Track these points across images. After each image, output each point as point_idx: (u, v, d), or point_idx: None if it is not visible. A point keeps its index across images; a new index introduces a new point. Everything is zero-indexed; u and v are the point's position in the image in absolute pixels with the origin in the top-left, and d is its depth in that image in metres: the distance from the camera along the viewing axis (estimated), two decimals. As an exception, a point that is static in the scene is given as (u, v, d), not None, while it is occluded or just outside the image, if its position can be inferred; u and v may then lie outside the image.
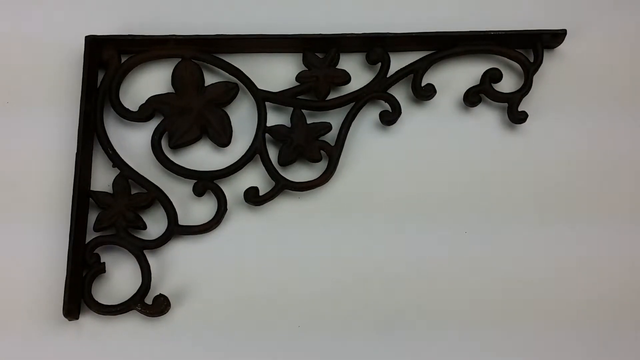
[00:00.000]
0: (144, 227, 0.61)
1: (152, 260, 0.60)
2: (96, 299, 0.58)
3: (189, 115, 0.63)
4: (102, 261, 0.60)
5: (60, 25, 0.67)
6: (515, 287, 0.61)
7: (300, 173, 0.63)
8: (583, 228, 0.62)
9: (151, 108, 0.63)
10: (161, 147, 0.62)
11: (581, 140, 0.65)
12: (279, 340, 0.59)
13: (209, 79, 0.65)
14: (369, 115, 0.65)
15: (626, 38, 0.68)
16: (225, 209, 0.61)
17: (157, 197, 0.61)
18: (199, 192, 0.61)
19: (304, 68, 0.65)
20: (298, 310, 0.60)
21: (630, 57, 0.67)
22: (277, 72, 0.66)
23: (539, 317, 0.60)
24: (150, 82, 0.65)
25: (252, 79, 0.64)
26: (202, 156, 0.64)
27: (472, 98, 0.64)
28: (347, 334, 0.60)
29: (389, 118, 0.63)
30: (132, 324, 0.59)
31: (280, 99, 0.64)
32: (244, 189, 0.61)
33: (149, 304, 0.58)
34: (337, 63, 0.65)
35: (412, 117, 0.65)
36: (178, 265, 0.61)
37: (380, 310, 0.60)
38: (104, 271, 0.60)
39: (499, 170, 0.64)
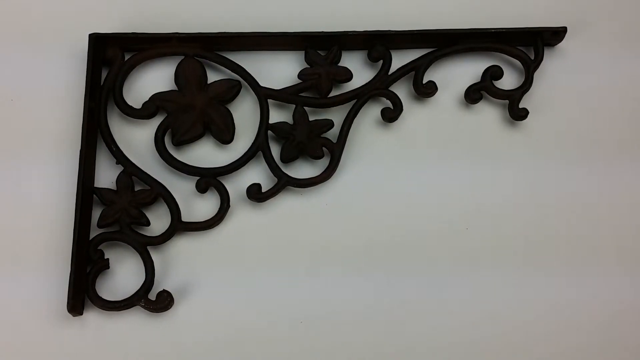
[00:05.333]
0: (148, 223, 0.61)
1: (155, 256, 0.60)
2: (100, 295, 0.59)
3: (192, 112, 0.63)
4: (106, 257, 0.60)
5: (64, 23, 0.67)
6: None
7: (302, 170, 0.63)
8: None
9: (154, 105, 0.64)
10: (164, 144, 0.63)
11: (581, 137, 0.65)
12: (281, 336, 0.60)
13: (212, 77, 0.65)
14: (371, 113, 0.65)
15: (626, 36, 0.68)
16: (228, 206, 0.61)
17: (161, 194, 0.61)
18: (202, 188, 0.62)
19: (306, 65, 0.65)
20: (301, 306, 0.60)
21: (630, 55, 0.67)
22: (279, 70, 0.66)
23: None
24: (154, 79, 0.66)
25: (254, 76, 0.64)
26: (205, 153, 0.64)
27: (473, 95, 0.65)
28: (350, 330, 0.60)
29: (391, 115, 0.64)
30: (136, 320, 0.60)
31: (283, 96, 0.64)
32: (247, 186, 0.62)
33: (153, 299, 0.59)
34: (339, 60, 0.65)
35: (414, 114, 0.65)
36: (181, 262, 0.61)
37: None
38: (108, 267, 0.60)
39: (499, 166, 0.64)
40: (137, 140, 0.64)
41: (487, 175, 0.64)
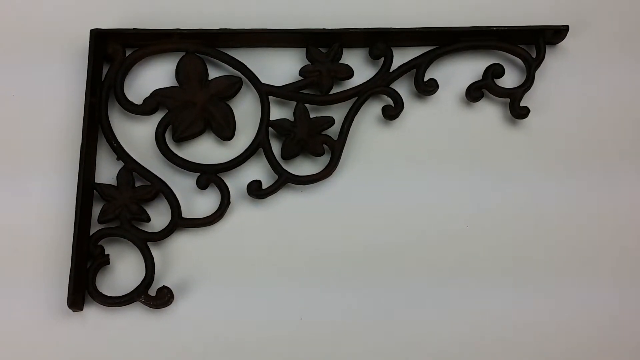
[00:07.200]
0: (148, 219, 0.61)
1: (155, 252, 0.60)
2: (100, 291, 0.59)
3: (193, 108, 0.63)
4: (106, 253, 0.60)
5: (65, 18, 0.67)
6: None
7: (303, 167, 0.63)
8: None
9: (155, 101, 0.64)
10: (165, 140, 0.63)
11: (582, 136, 0.65)
12: (280, 332, 0.60)
13: (213, 73, 0.65)
14: (372, 110, 0.65)
15: (628, 35, 0.68)
16: (229, 202, 0.61)
17: (161, 190, 0.61)
18: (202, 185, 0.62)
19: (307, 62, 0.65)
20: (300, 302, 0.61)
21: (632, 54, 0.67)
22: (280, 67, 0.66)
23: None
24: (155, 75, 0.66)
25: (255, 73, 0.64)
26: (206, 149, 0.64)
27: (474, 93, 0.65)
28: (349, 325, 0.60)
29: (392, 113, 0.64)
30: (136, 316, 0.60)
31: (284, 93, 0.64)
32: (247, 182, 0.62)
33: (153, 295, 0.59)
34: (340, 58, 0.65)
35: (415, 111, 0.65)
36: (181, 258, 0.61)
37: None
38: (108, 263, 0.60)
39: (500, 165, 0.64)
40: (137, 136, 0.64)
41: (487, 173, 0.64)
